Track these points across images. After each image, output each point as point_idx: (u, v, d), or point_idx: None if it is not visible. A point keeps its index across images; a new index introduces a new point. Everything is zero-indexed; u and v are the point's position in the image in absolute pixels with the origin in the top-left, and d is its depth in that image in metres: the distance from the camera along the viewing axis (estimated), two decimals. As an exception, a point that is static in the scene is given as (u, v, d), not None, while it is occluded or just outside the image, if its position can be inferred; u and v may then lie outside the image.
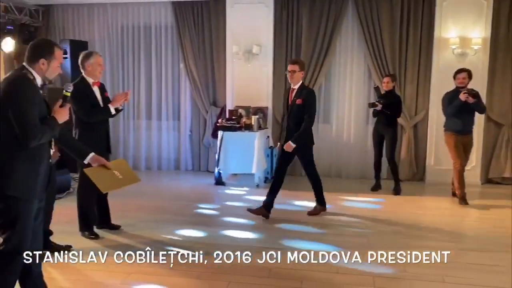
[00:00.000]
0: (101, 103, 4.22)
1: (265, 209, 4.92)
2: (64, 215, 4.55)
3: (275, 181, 5.07)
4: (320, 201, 5.17)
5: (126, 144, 7.84)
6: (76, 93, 3.98)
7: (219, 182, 6.61)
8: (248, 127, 6.54)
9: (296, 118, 4.88)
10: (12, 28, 7.14)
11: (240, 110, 6.88)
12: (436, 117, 6.68)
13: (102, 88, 4.31)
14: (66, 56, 7.34)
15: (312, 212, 5.14)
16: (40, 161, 2.59)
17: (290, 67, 4.91)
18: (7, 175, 2.48)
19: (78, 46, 7.43)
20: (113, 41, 7.75)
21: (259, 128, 6.64)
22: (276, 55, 7.16)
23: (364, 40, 6.90)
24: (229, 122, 6.60)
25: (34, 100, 2.53)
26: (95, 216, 4.36)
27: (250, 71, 7.13)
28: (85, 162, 3.00)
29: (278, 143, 5.34)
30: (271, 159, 6.75)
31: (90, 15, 7.77)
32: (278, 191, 5.04)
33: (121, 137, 7.78)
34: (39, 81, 2.65)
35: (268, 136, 7.04)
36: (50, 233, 3.93)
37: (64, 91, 2.72)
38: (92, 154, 2.99)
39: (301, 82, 4.96)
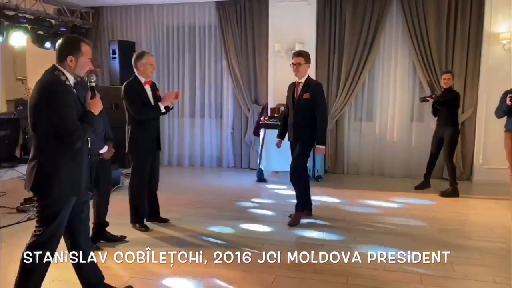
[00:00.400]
0: (152, 101, 4.38)
1: (302, 210, 4.80)
2: (116, 208, 4.76)
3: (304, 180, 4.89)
4: (308, 205, 4.92)
5: (171, 141, 8.06)
6: (128, 92, 4.21)
7: (261, 179, 6.69)
8: (290, 125, 6.56)
9: (304, 113, 4.62)
10: (65, 29, 7.48)
11: (282, 108, 6.91)
12: (485, 115, 6.48)
13: (153, 87, 4.48)
14: (114, 56, 7.67)
15: (294, 222, 4.67)
16: (82, 160, 2.68)
17: (295, 60, 4.61)
18: (51, 175, 2.55)
19: (126, 46, 7.73)
20: (159, 41, 7.98)
21: (301, 125, 6.65)
22: (318, 53, 7.15)
23: (409, 35, 6.76)
24: (271, 120, 6.66)
25: (70, 102, 2.55)
26: (145, 209, 4.54)
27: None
28: None
29: (278, 139, 5.04)
30: (313, 157, 6.74)
31: (137, 16, 8.04)
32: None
33: (166, 134, 8.00)
34: (71, 79, 2.65)
35: (310, 134, 7.03)
36: (106, 224, 4.14)
37: (89, 82, 2.77)
38: None
39: (307, 75, 4.69)
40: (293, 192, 4.86)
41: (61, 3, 7.46)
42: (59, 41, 2.70)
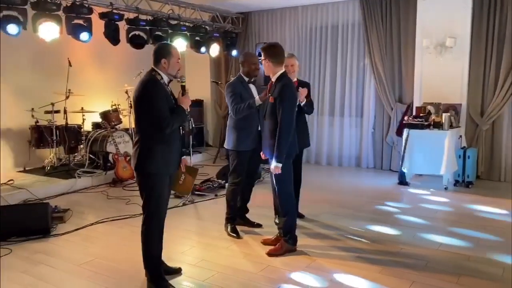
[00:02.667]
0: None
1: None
2: (254, 199, 5.04)
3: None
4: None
5: (310, 139, 8.16)
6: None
7: (402, 181, 6.39)
8: (438, 125, 6.13)
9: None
10: (217, 35, 8.19)
11: (428, 107, 6.50)
12: None
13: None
14: (260, 58, 8.09)
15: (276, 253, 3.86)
16: (173, 143, 3.14)
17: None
18: (148, 155, 3.06)
19: (271, 48, 8.10)
20: (302, 42, 8.18)
21: (450, 126, 6.17)
22: (473, 48, 6.53)
23: None
24: (416, 120, 6.30)
25: (162, 96, 3.06)
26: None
27: (442, 65, 6.67)
28: None
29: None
30: (463, 160, 6.19)
31: (282, 18, 8.36)
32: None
33: (305, 132, 8.14)
34: (165, 78, 3.15)
35: (460, 136, 6.48)
36: (247, 210, 4.46)
37: (180, 82, 3.21)
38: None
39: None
40: (437, 198, 4.56)
41: (215, 11, 8.17)
42: (154, 49, 3.21)
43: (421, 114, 6.36)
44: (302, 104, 4.33)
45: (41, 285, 3.31)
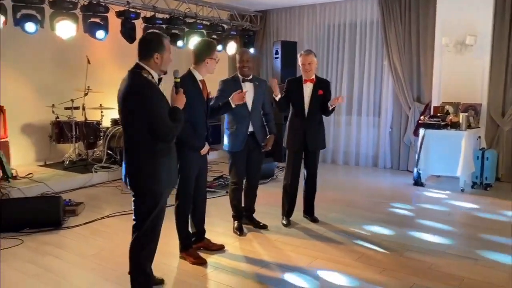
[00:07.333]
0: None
1: None
2: (266, 198, 5.08)
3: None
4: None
5: (326, 138, 8.08)
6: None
7: (417, 182, 6.25)
8: (455, 126, 5.98)
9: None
10: (235, 33, 8.22)
11: (447, 107, 6.35)
12: None
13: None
14: (277, 56, 8.10)
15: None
16: (172, 151, 2.79)
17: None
18: (150, 174, 2.66)
19: (288, 47, 8.09)
20: (320, 40, 8.11)
21: (469, 127, 6.00)
22: (495, 46, 6.32)
23: None
24: (432, 120, 6.15)
25: (160, 102, 2.62)
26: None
27: (462, 64, 6.49)
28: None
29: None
30: (481, 162, 6.00)
31: (300, 16, 8.32)
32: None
33: (322, 131, 8.07)
34: (155, 76, 2.69)
35: (479, 137, 6.29)
36: (253, 211, 4.46)
37: (174, 78, 2.86)
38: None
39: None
40: (451, 200, 4.41)
41: (233, 9, 8.20)
42: (142, 39, 2.78)
43: (438, 114, 6.21)
44: (331, 108, 4.33)
45: (46, 275, 3.41)
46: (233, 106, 3.72)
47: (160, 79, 2.79)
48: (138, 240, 2.79)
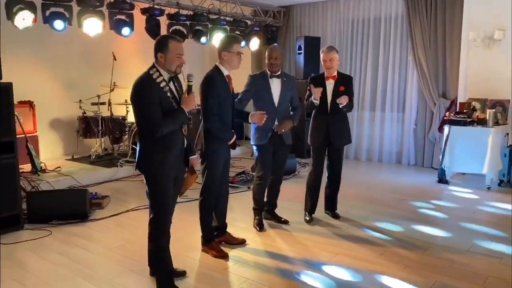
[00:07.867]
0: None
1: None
2: (288, 194, 5.09)
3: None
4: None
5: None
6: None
7: (442, 180, 6.15)
8: (482, 122, 5.85)
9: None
10: (258, 29, 8.23)
11: (473, 103, 6.21)
12: None
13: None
14: (300, 51, 8.08)
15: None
16: (173, 145, 2.92)
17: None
18: (145, 155, 2.90)
19: (312, 42, 8.06)
20: (343, 35, 8.05)
21: (496, 123, 5.86)
22: (524, 40, 6.15)
23: None
24: (458, 116, 6.04)
25: (154, 99, 2.76)
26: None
27: (490, 59, 6.34)
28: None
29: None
30: (509, 159, 5.86)
31: (324, 12, 8.26)
32: None
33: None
34: (164, 74, 2.87)
35: (507, 134, 6.14)
36: (275, 206, 4.49)
37: (187, 81, 2.94)
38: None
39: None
40: (477, 197, 4.30)
41: (256, 4, 8.21)
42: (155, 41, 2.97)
43: (464, 110, 6.09)
44: (341, 106, 4.24)
45: (73, 266, 3.52)
46: (249, 121, 3.89)
47: (171, 78, 2.95)
48: (150, 225, 3.04)
